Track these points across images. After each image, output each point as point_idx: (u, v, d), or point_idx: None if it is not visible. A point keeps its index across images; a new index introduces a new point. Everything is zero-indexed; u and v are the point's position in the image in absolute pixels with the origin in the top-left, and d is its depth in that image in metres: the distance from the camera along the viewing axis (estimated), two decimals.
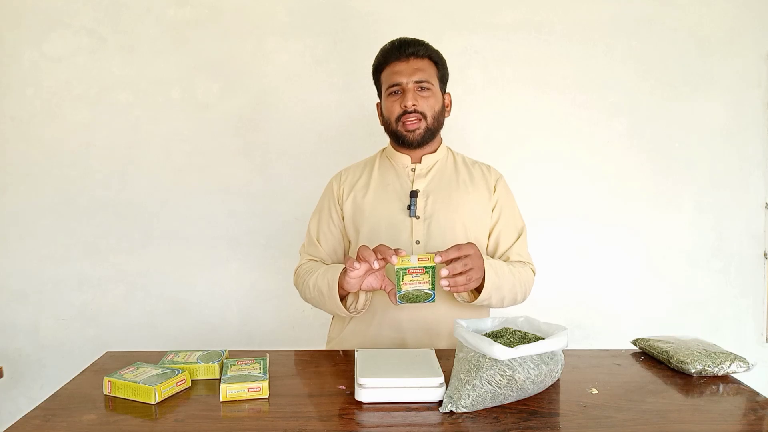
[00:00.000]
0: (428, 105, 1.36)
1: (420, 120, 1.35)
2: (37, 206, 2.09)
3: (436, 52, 1.41)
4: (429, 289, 1.12)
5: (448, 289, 1.13)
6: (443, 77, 1.42)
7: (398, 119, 1.36)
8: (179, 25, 2.05)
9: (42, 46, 2.05)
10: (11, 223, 2.09)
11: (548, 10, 2.06)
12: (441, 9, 2.05)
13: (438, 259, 1.10)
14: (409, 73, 1.35)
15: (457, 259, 1.13)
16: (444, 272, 1.11)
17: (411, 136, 1.36)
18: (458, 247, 1.14)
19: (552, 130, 2.09)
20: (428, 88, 1.36)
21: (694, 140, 2.11)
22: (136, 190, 2.09)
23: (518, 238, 1.40)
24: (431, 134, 1.39)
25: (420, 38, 1.40)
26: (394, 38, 1.40)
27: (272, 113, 2.08)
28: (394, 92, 1.36)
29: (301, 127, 2.09)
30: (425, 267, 1.09)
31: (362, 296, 1.30)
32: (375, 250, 1.13)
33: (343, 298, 1.28)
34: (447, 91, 1.45)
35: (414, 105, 1.34)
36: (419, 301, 1.14)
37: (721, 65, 2.09)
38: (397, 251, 1.11)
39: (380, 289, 1.23)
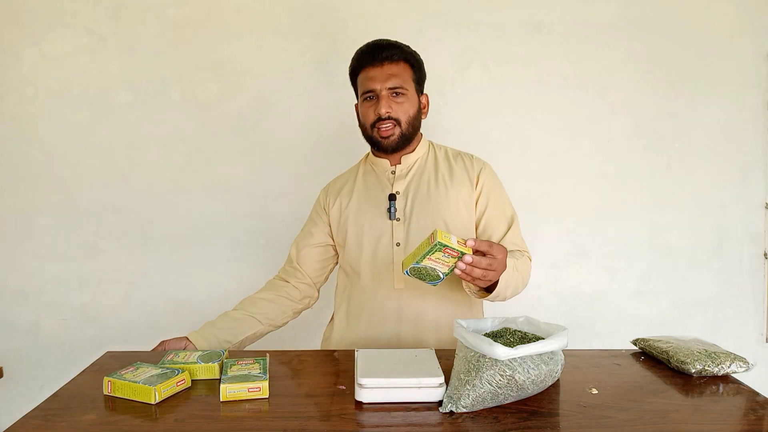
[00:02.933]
0: (402, 110, 1.36)
1: (394, 126, 1.36)
2: (37, 206, 2.09)
3: (413, 54, 1.39)
4: (444, 274, 1.08)
5: (459, 273, 1.07)
6: (419, 79, 1.41)
7: (373, 125, 1.37)
8: (179, 25, 2.05)
9: (42, 46, 2.05)
10: (11, 223, 2.09)
11: (548, 10, 2.06)
12: (441, 9, 2.05)
13: (471, 243, 1.05)
14: (382, 79, 1.34)
15: (484, 255, 1.08)
16: (468, 258, 1.04)
17: (386, 142, 1.37)
18: (491, 244, 1.09)
19: (552, 130, 2.09)
20: (403, 93, 1.35)
21: (694, 140, 2.11)
22: (136, 189, 2.09)
23: (510, 226, 1.38)
24: (406, 139, 1.38)
25: (395, 40, 1.39)
26: (370, 41, 1.39)
27: (272, 113, 2.08)
28: (369, 98, 1.37)
29: (301, 127, 2.09)
30: (461, 252, 1.04)
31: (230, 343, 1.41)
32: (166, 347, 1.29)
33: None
34: (425, 92, 1.44)
35: (388, 112, 1.34)
36: (425, 280, 1.11)
37: (721, 65, 2.09)
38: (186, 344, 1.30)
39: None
